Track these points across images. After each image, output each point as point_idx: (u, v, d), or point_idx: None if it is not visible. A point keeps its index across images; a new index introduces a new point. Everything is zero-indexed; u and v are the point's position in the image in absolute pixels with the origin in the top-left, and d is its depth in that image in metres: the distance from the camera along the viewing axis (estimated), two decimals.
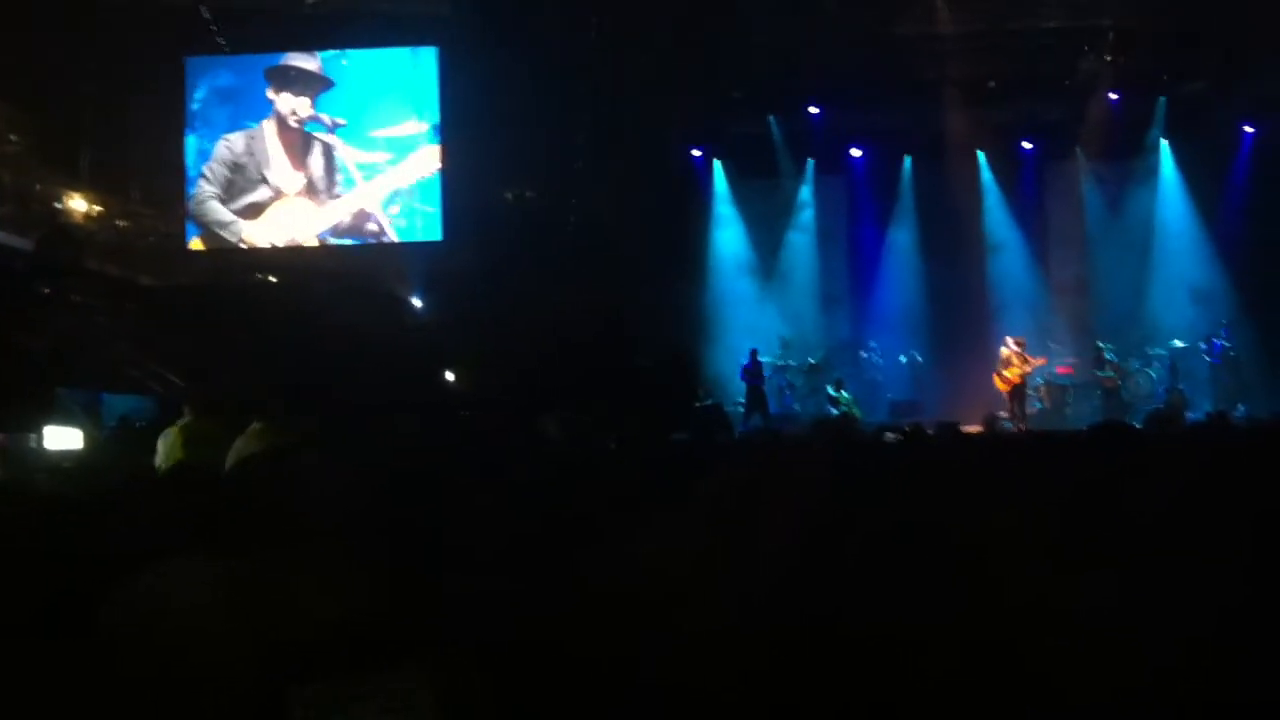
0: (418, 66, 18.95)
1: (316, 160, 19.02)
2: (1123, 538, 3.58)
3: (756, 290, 19.80)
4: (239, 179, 19.00)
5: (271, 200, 18.98)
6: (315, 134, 19.04)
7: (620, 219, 17.40)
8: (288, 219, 18.97)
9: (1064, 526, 3.41)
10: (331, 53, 19.07)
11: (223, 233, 18.95)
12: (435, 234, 18.69)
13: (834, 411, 17.55)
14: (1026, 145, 19.75)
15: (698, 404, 16.52)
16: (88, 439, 10.17)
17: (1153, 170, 19.48)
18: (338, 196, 18.93)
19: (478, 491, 3.51)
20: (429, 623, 2.42)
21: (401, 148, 18.88)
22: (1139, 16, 17.54)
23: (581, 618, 2.51)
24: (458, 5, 17.90)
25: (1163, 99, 18.97)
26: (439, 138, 18.70)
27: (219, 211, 18.94)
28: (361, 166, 18.92)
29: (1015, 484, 4.17)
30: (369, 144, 18.93)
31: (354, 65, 19.11)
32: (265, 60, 19.19)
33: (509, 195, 18.72)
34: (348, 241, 18.88)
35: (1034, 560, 2.98)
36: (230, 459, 8.73)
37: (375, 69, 19.09)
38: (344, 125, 18.99)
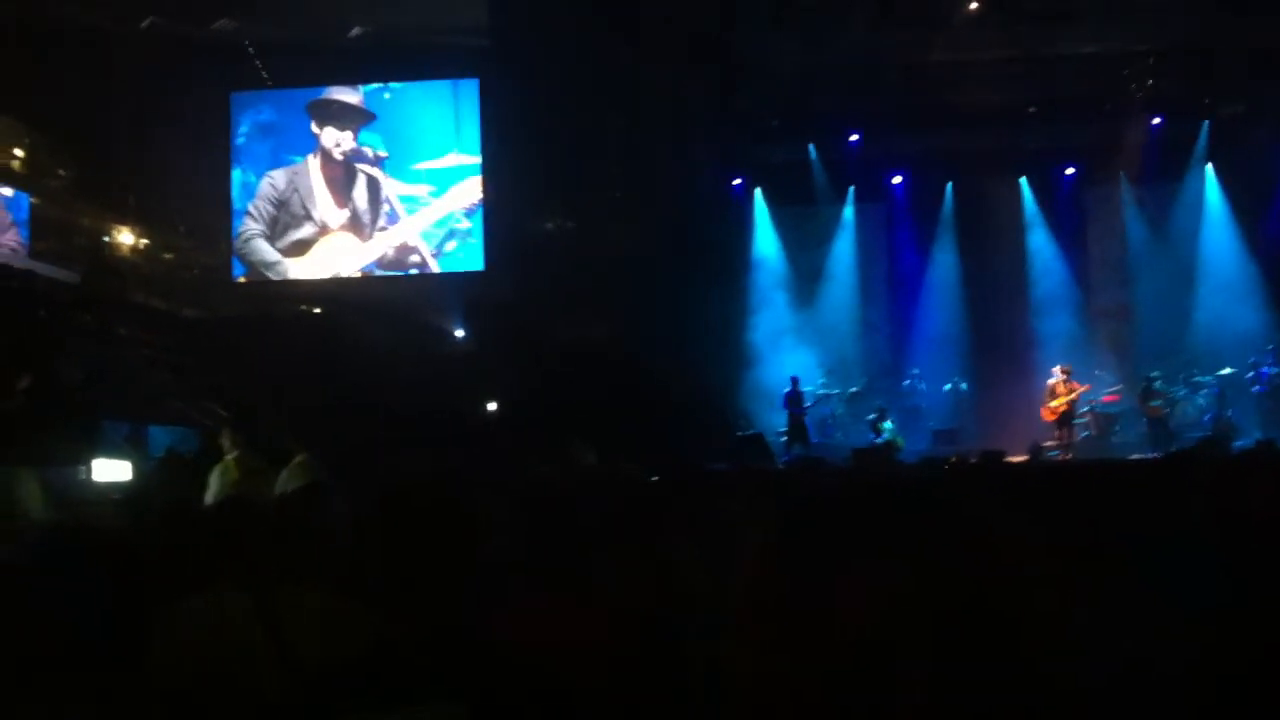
0: (459, 98, 19.11)
1: (360, 194, 19.22)
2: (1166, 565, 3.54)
3: (797, 318, 19.70)
4: (284, 215, 19.21)
5: (316, 236, 19.17)
6: (359, 166, 19.22)
7: (660, 248, 17.42)
8: (332, 254, 19.15)
9: (1104, 553, 3.38)
10: (374, 86, 19.27)
11: (268, 272, 19.14)
12: (477, 264, 18.81)
13: (876, 441, 17.43)
14: (1068, 170, 19.62)
15: (739, 433, 16.49)
16: (135, 470, 10.27)
17: (1196, 194, 19.29)
18: (382, 229, 19.09)
19: (512, 521, 3.51)
20: (460, 655, 2.42)
21: (444, 180, 19.05)
22: (1178, 39, 17.43)
23: (611, 648, 2.50)
24: (498, 38, 18.02)
25: (1206, 122, 18.81)
26: (481, 169, 18.85)
27: (265, 251, 19.13)
28: (404, 199, 19.08)
29: (1060, 513, 4.13)
30: (412, 176, 19.12)
31: (396, 98, 19.31)
32: (308, 94, 19.42)
33: (549, 225, 18.80)
34: (391, 273, 19.03)
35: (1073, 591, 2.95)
36: (277, 490, 8.83)
37: (417, 101, 19.29)
38: (386, 158, 19.16)
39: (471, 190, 18.93)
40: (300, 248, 19.17)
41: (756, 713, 2.20)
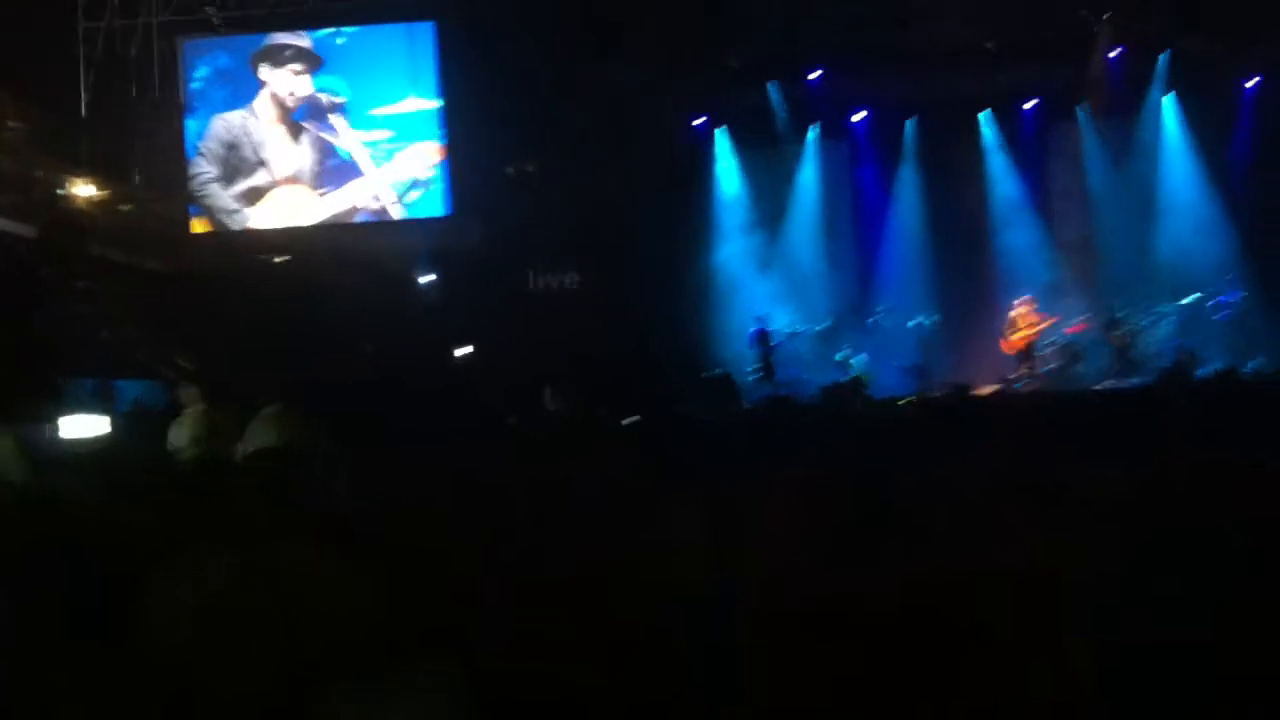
0: (414, 42, 18.87)
1: (315, 143, 19.01)
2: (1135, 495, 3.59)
3: (763, 258, 19.72)
4: (233, 158, 18.99)
5: (270, 185, 18.98)
6: (313, 118, 19.02)
7: (624, 191, 17.38)
8: (290, 204, 18.97)
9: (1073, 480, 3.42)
10: (325, 31, 19.00)
11: (227, 220, 18.95)
12: (439, 209, 18.70)
13: (844, 378, 17.52)
14: (1029, 104, 19.63)
15: (706, 374, 16.52)
16: (102, 428, 10.20)
17: (1156, 125, 19.35)
18: (340, 180, 18.92)
19: (488, 472, 3.52)
20: (446, 617, 2.42)
21: (403, 126, 18.87)
22: None
23: (595, 600, 2.51)
24: None
25: (1164, 55, 18.83)
26: (441, 116, 18.68)
27: (220, 196, 18.93)
28: (366, 144, 18.91)
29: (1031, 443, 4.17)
30: (370, 123, 18.92)
31: (350, 43, 19.05)
32: (259, 40, 19.14)
33: (511, 170, 18.70)
34: (353, 222, 18.89)
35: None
36: (246, 444, 8.81)
37: (371, 46, 19.03)
38: (342, 104, 18.95)
39: (430, 152, 18.76)
40: (254, 195, 18.97)
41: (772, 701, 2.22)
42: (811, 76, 19.35)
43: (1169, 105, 19.25)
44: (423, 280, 18.32)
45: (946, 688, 2.02)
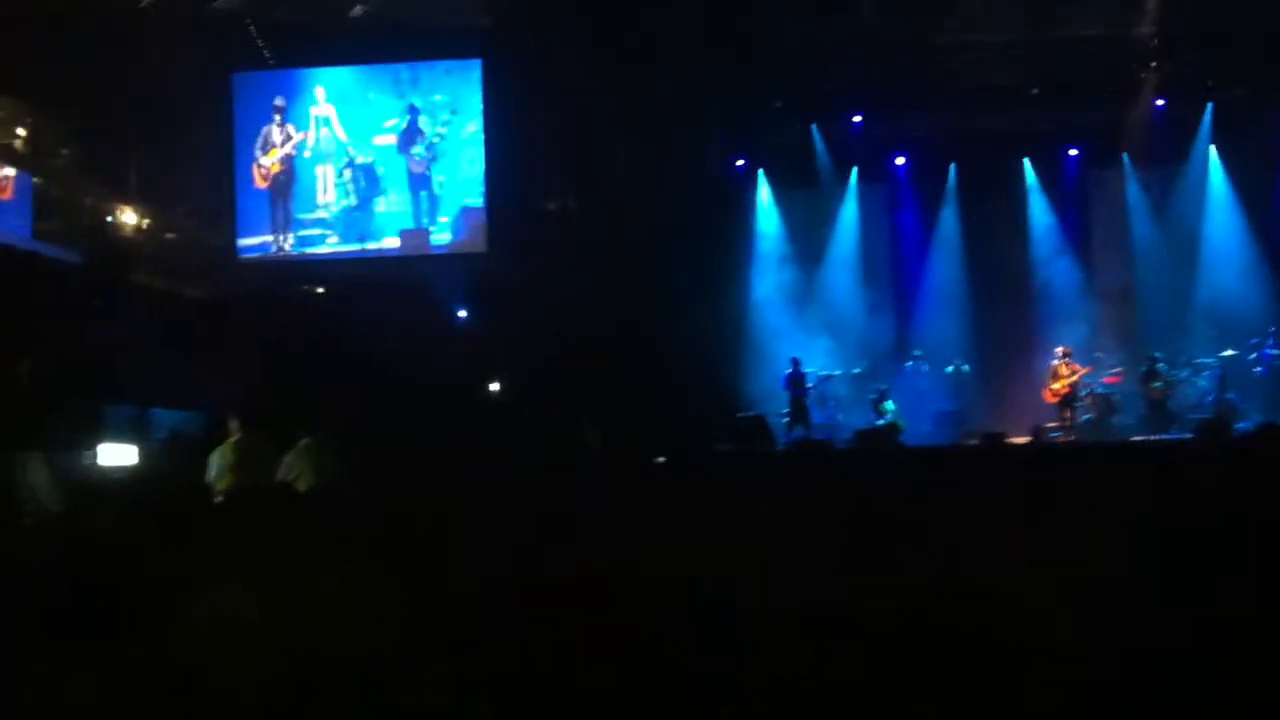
0: (465, 79, 19.11)
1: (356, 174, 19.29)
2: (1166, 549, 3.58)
3: (800, 300, 19.72)
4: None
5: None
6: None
7: (662, 229, 17.43)
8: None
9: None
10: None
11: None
12: (480, 245, 18.84)
13: (878, 422, 17.47)
14: (1072, 152, 19.59)
15: (741, 415, 16.52)
16: (140, 454, 10.31)
17: (1199, 177, 19.25)
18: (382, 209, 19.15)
19: (521, 510, 3.54)
20: (469, 643, 2.45)
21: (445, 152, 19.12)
22: (1182, 21, 17.39)
23: (600, 603, 2.53)
24: (500, 17, 18.00)
25: (1210, 104, 18.77)
26: (484, 149, 18.85)
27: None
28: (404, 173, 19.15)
29: (1063, 495, 4.15)
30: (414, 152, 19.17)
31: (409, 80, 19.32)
32: (308, 75, 19.41)
33: (552, 206, 18.81)
34: (394, 253, 19.07)
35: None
36: (281, 474, 8.88)
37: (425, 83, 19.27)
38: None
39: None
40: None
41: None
42: (855, 119, 19.39)
43: (1213, 156, 19.14)
44: (461, 314, 18.42)
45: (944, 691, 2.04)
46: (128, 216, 18.64)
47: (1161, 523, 3.87)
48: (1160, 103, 18.64)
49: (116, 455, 10.32)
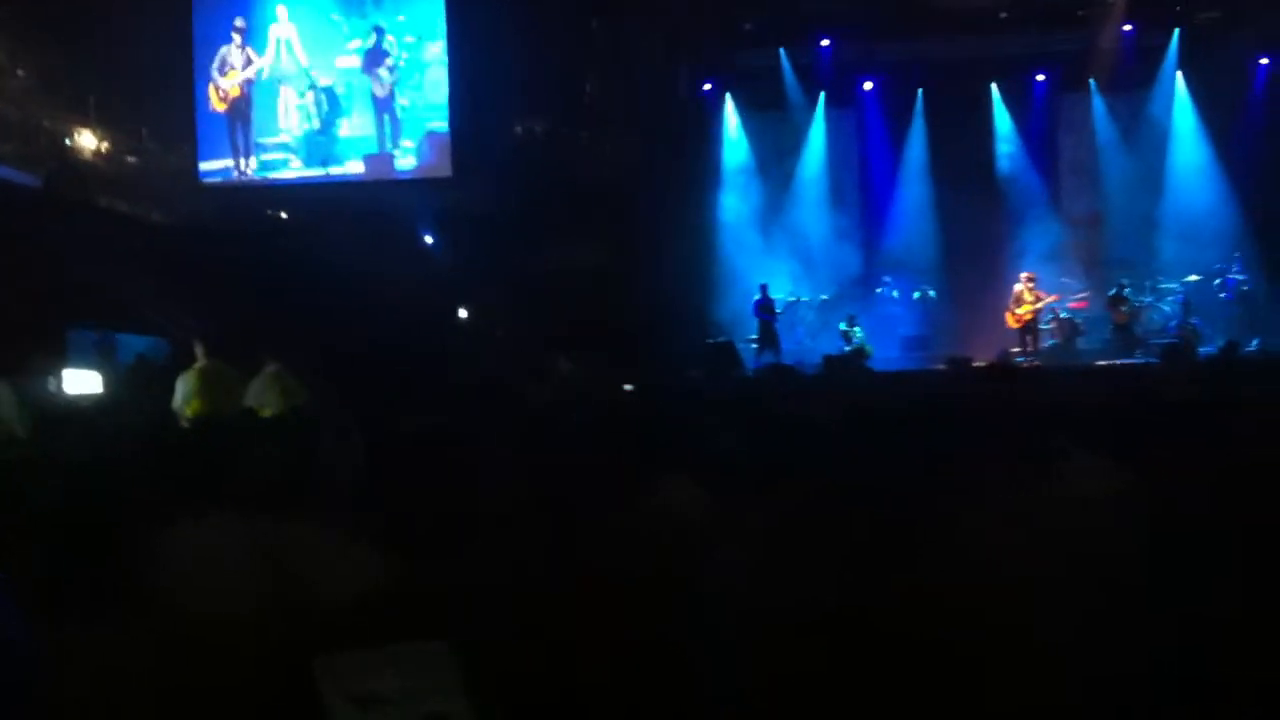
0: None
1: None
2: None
3: (768, 226, 19.69)
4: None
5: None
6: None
7: (630, 152, 17.33)
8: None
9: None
10: None
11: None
12: (445, 170, 18.65)
13: (846, 348, 17.55)
14: (1039, 77, 19.54)
15: (710, 341, 16.54)
16: (105, 381, 10.24)
17: (1166, 103, 19.25)
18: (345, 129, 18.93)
19: (495, 444, 3.53)
20: (450, 589, 2.44)
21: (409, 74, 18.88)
22: None
23: (602, 579, 2.53)
24: None
25: (1177, 30, 18.71)
26: (448, 70, 18.60)
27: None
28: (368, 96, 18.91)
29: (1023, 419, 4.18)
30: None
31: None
32: None
33: (518, 130, 18.64)
34: (358, 178, 18.88)
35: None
36: (248, 400, 8.84)
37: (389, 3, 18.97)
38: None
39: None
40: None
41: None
42: (823, 44, 19.25)
43: (1180, 82, 19.13)
44: (427, 241, 18.29)
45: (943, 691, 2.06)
46: (87, 139, 18.33)
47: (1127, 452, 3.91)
48: (1128, 28, 18.57)
49: (81, 382, 10.24)
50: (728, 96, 20.10)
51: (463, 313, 17.04)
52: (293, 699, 2.16)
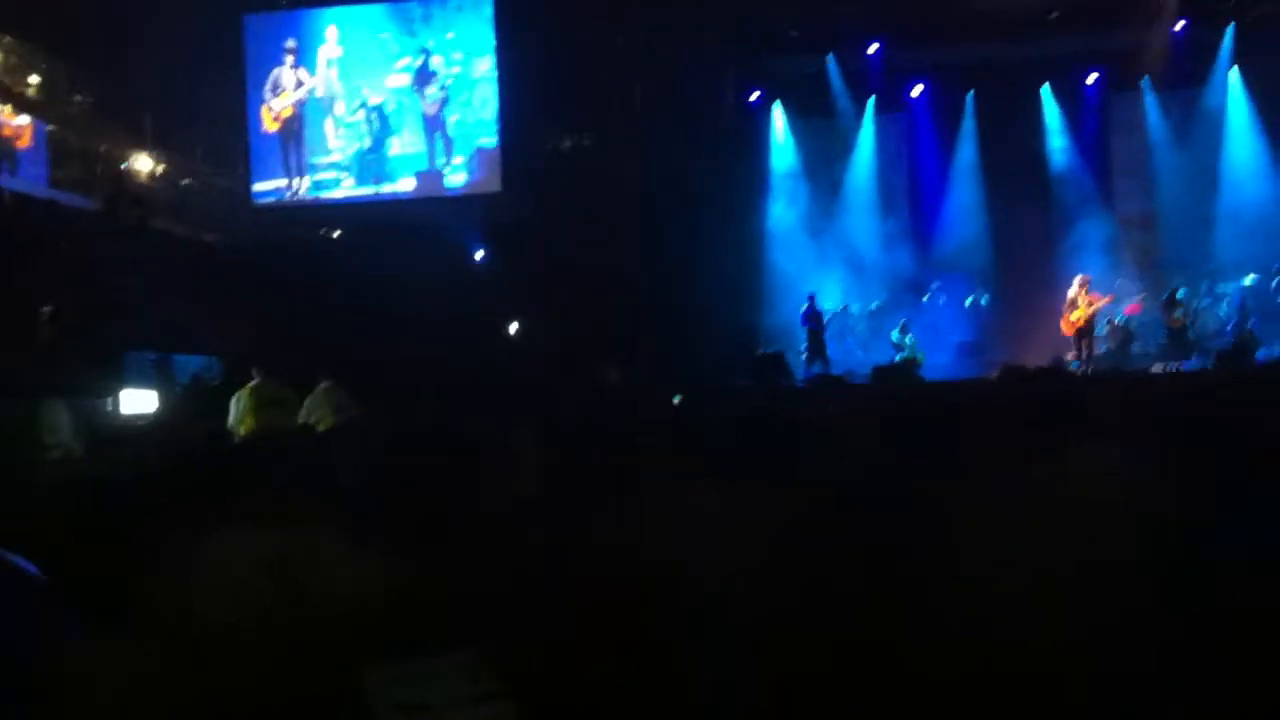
0: (477, 16, 19.00)
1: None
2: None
3: (817, 233, 19.60)
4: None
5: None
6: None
7: (678, 165, 17.34)
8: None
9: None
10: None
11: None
12: (495, 185, 18.79)
13: (897, 356, 17.43)
14: (1091, 77, 19.35)
15: (759, 351, 16.51)
16: (161, 400, 10.39)
17: (1221, 100, 18.95)
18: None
19: (542, 452, 3.55)
20: (483, 599, 2.46)
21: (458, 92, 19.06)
22: None
23: (633, 585, 2.54)
24: None
25: (1231, 25, 18.46)
26: (497, 85, 18.76)
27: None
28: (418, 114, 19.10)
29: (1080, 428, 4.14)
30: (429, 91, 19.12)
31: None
32: (320, 15, 19.30)
33: (566, 144, 18.73)
34: (409, 195, 19.07)
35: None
36: (301, 417, 8.94)
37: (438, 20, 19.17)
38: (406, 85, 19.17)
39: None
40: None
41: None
42: (871, 49, 19.17)
43: (1235, 78, 18.86)
44: (477, 255, 18.42)
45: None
46: (143, 163, 18.64)
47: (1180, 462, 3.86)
48: (1181, 24, 18.35)
49: (138, 401, 10.39)
50: (776, 103, 20.07)
51: (513, 325, 17.11)
52: (344, 711, 2.20)
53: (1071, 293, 17.25)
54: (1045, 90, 19.52)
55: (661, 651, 2.30)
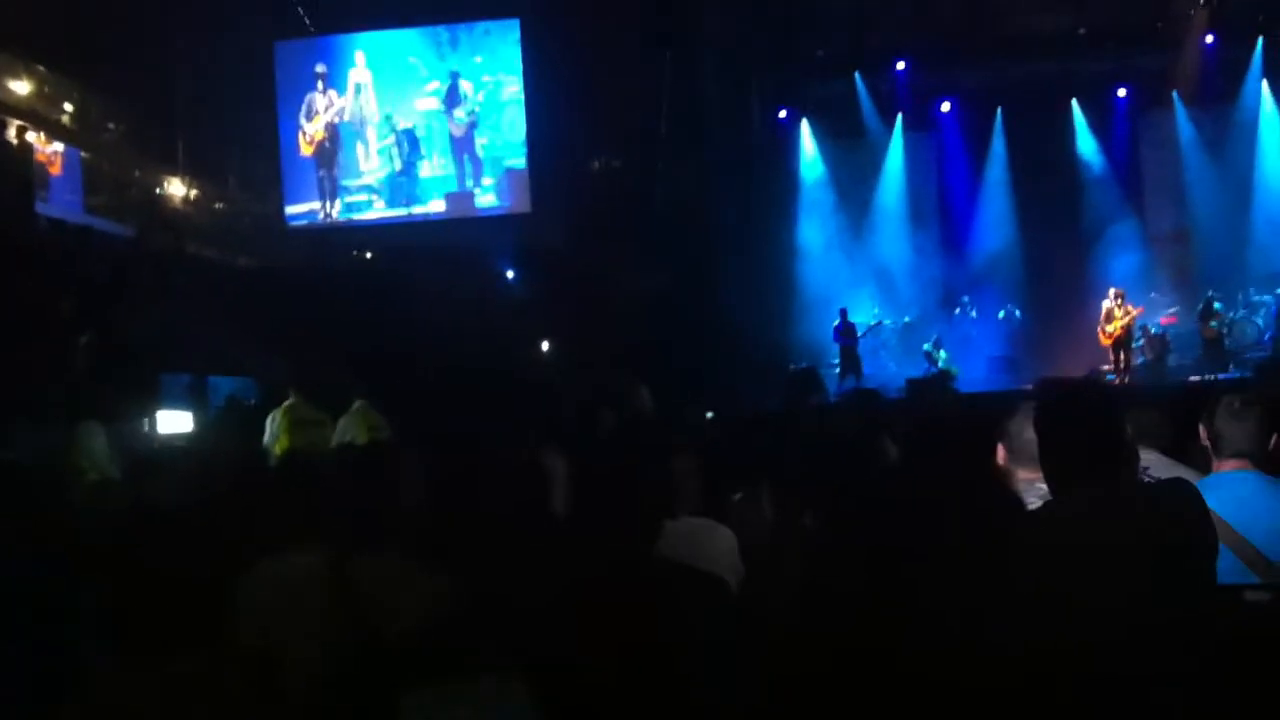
0: (505, 40, 19.12)
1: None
2: None
3: (848, 250, 19.59)
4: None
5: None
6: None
7: (707, 184, 17.37)
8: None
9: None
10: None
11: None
12: (524, 206, 18.89)
13: (931, 370, 17.37)
14: (1120, 93, 19.27)
15: (792, 368, 16.47)
16: (197, 422, 10.46)
17: (1252, 114, 18.87)
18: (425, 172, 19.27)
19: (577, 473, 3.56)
20: (522, 626, 2.46)
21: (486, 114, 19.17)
22: None
23: (670, 603, 2.54)
24: None
25: (1261, 39, 18.37)
26: (525, 109, 18.87)
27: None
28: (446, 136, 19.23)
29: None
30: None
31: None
32: (349, 40, 19.47)
33: (595, 165, 18.79)
34: (440, 217, 19.18)
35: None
36: (335, 437, 8.96)
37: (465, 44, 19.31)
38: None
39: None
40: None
41: None
42: (899, 67, 19.16)
43: (1266, 91, 18.76)
44: (507, 276, 18.48)
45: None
46: (176, 188, 18.81)
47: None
48: (1210, 40, 18.27)
49: (174, 423, 10.47)
50: (804, 123, 20.09)
51: (544, 344, 17.15)
52: None
53: (1107, 304, 17.14)
54: (1074, 106, 19.45)
55: (696, 666, 2.31)
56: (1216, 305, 17.31)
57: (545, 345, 17.30)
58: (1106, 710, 2.36)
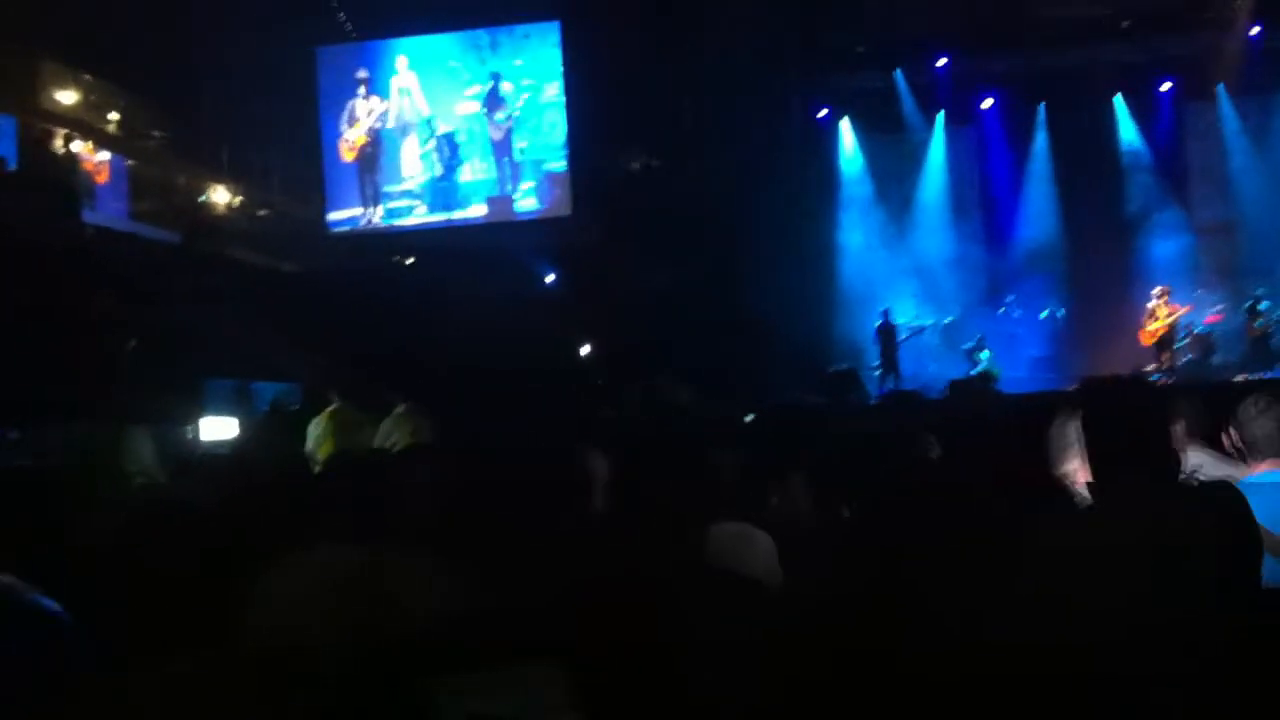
0: (544, 42, 19.18)
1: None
2: None
3: (889, 249, 19.49)
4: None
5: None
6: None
7: (747, 184, 17.34)
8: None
9: None
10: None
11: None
12: (565, 209, 18.93)
13: (972, 371, 17.26)
14: (1165, 85, 19.07)
15: (832, 368, 16.42)
16: (241, 426, 10.56)
17: None
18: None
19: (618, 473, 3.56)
20: (560, 619, 2.47)
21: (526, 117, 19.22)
22: None
23: (705, 598, 2.54)
24: None
25: None
26: (565, 112, 18.92)
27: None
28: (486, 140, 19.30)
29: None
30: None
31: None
32: (390, 45, 19.59)
33: (635, 166, 18.80)
34: (480, 220, 19.25)
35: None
36: (378, 441, 9.03)
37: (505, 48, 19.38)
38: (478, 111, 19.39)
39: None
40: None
41: None
42: (940, 62, 19.04)
43: None
44: (548, 279, 18.53)
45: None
46: (220, 195, 19.00)
47: None
48: (1255, 29, 18.03)
49: (218, 428, 10.58)
50: (844, 119, 20.01)
51: (584, 347, 17.18)
52: None
53: (1151, 303, 16.98)
54: (1118, 100, 19.26)
55: (733, 666, 2.30)
56: (1262, 305, 17.09)
57: (586, 347, 17.32)
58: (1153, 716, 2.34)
